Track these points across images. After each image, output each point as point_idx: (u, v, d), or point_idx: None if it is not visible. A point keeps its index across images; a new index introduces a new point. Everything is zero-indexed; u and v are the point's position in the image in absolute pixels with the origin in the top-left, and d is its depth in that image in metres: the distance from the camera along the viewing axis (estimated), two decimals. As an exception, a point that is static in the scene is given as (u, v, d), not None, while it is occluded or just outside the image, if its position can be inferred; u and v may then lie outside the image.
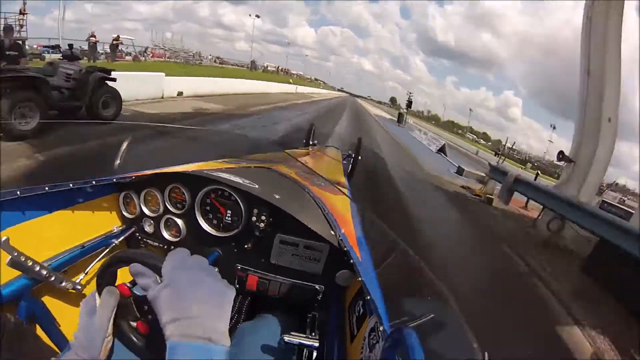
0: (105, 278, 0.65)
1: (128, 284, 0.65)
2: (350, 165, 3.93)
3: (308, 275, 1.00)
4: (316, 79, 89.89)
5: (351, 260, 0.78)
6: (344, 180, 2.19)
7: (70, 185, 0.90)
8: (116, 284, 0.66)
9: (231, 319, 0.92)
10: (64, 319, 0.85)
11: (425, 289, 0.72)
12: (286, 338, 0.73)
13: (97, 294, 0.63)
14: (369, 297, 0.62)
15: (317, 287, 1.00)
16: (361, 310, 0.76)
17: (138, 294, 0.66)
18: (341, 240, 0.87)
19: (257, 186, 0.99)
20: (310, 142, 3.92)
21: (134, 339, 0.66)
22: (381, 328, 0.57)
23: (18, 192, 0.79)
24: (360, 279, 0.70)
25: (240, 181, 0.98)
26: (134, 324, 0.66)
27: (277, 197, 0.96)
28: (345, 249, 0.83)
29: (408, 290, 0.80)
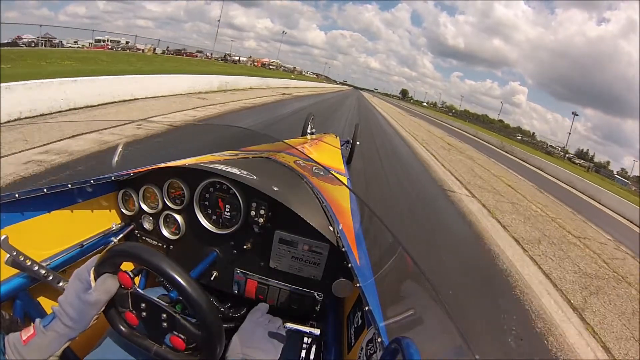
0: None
1: (130, 273, 0.66)
2: (349, 151, 4.11)
3: (308, 282, 1.00)
4: (302, 72, 78.12)
5: (349, 265, 0.77)
6: (342, 167, 2.21)
7: (69, 185, 0.90)
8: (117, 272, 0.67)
9: (229, 328, 0.93)
10: None
11: (424, 297, 0.71)
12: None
13: (91, 270, 0.65)
14: (367, 308, 0.62)
15: (316, 295, 0.99)
16: (359, 322, 0.76)
17: (139, 289, 0.68)
18: (339, 237, 0.86)
19: (255, 177, 0.98)
20: (308, 132, 3.95)
21: (120, 327, 0.68)
22: (379, 340, 0.57)
23: (16, 195, 0.79)
24: (358, 285, 0.70)
25: (239, 172, 0.97)
26: (123, 313, 0.68)
27: (275, 189, 0.95)
28: (343, 249, 0.83)
29: (406, 299, 0.80)
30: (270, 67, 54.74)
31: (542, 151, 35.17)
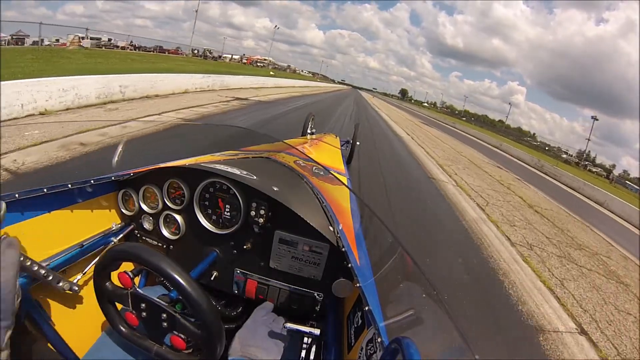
0: (105, 269, 0.67)
1: (130, 273, 0.66)
2: (349, 151, 4.22)
3: (308, 282, 1.00)
4: (295, 70, 74.40)
5: (349, 265, 0.77)
6: (342, 167, 2.21)
7: (69, 185, 0.90)
8: (117, 272, 0.67)
9: (229, 328, 0.94)
10: (60, 319, 0.85)
11: (424, 297, 0.72)
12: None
13: None
14: (367, 308, 0.62)
15: (316, 295, 0.99)
16: (359, 322, 0.76)
17: (139, 289, 0.68)
18: (339, 237, 0.86)
19: (255, 177, 0.98)
20: (309, 132, 3.96)
21: (120, 327, 0.68)
22: (379, 340, 0.57)
23: (17, 195, 0.79)
24: (358, 285, 0.70)
25: (239, 172, 0.98)
26: (123, 313, 0.68)
27: (275, 189, 0.95)
28: (343, 249, 0.83)
29: (406, 298, 0.80)
30: (258, 64, 51.03)
31: (561, 160, 33.49)
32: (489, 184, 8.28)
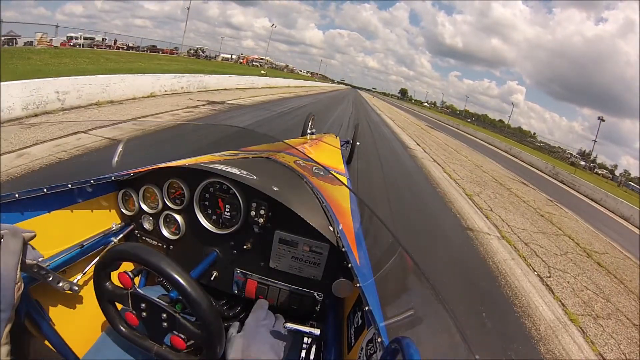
0: (105, 269, 0.67)
1: (130, 273, 0.67)
2: (349, 151, 4.22)
3: (308, 282, 1.00)
4: (293, 69, 73.83)
5: (349, 265, 0.77)
6: (342, 167, 2.22)
7: (69, 185, 0.90)
8: (117, 272, 0.67)
9: (229, 328, 0.94)
10: (60, 319, 0.86)
11: (424, 297, 0.72)
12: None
13: None
14: (367, 308, 0.62)
15: (316, 295, 0.99)
16: (359, 322, 0.76)
17: (139, 289, 0.68)
18: (339, 237, 0.86)
19: (255, 177, 0.98)
20: (309, 132, 3.98)
21: (120, 327, 0.68)
22: (379, 340, 0.57)
23: (17, 195, 0.79)
24: (358, 285, 0.70)
25: (239, 172, 0.98)
26: (123, 313, 0.68)
27: (275, 189, 0.95)
28: (343, 249, 0.83)
29: (406, 299, 0.80)
30: (254, 63, 50.84)
31: (567, 163, 32.34)
32: (532, 221, 6.53)
